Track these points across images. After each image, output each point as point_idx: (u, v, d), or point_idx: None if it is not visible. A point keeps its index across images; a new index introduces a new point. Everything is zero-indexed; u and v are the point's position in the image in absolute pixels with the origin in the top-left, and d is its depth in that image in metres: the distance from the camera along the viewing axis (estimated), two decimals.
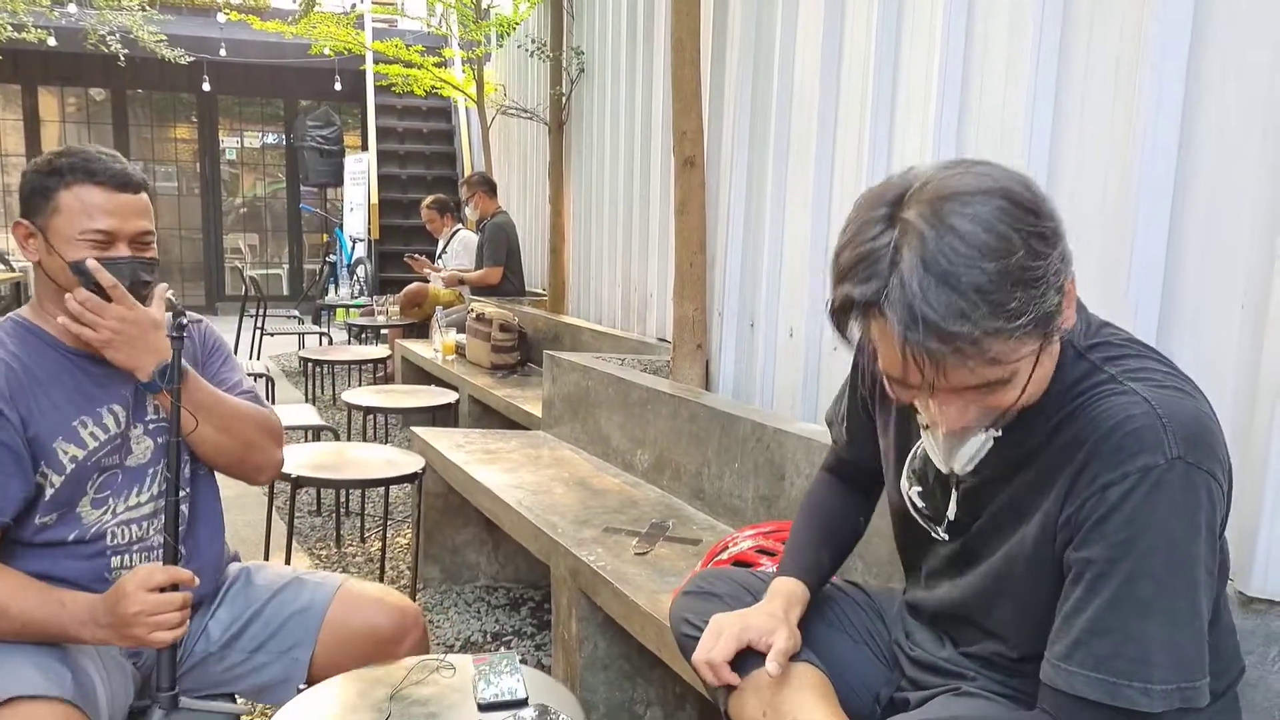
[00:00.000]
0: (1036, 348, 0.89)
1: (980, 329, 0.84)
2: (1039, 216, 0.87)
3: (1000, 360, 0.87)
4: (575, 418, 3.03)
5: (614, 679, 2.00)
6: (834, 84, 2.37)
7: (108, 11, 7.92)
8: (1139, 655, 0.88)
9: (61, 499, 1.38)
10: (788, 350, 2.58)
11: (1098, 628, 0.90)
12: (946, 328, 0.83)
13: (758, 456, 2.12)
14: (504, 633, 2.72)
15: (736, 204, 2.80)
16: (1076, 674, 0.91)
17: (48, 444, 1.35)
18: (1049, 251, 0.86)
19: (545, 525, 2.18)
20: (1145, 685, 0.88)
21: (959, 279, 0.83)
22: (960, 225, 0.84)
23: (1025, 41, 1.77)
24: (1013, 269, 0.84)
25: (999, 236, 0.84)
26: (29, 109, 10.19)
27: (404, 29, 9.45)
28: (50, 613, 1.27)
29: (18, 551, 1.37)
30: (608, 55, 4.17)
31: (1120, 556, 0.89)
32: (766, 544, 1.64)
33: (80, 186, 1.34)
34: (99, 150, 1.39)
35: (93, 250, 1.34)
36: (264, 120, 11.34)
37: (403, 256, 6.15)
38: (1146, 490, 0.88)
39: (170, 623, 1.26)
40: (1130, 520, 0.89)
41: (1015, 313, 0.84)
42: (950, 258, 0.84)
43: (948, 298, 0.83)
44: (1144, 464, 0.88)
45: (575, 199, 4.68)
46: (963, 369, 0.87)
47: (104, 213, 1.35)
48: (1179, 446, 0.88)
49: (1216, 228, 1.42)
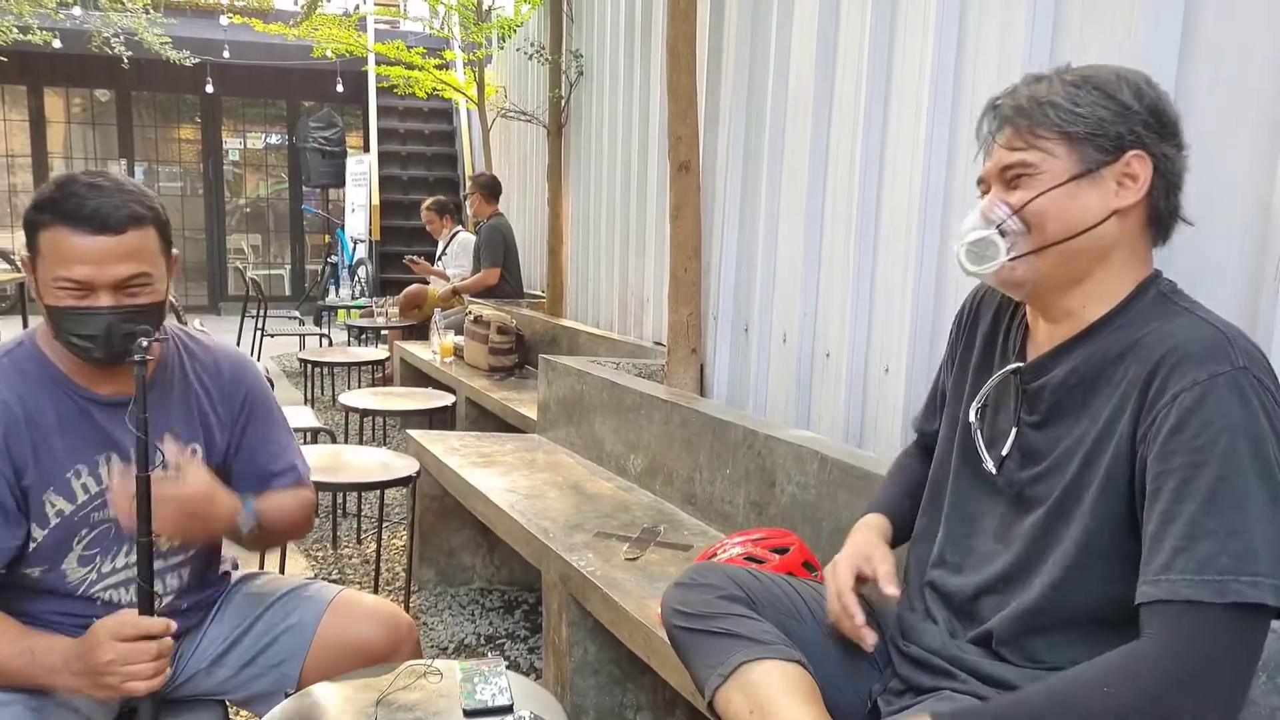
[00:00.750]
0: (1071, 165, 1.02)
1: (1049, 100, 1.03)
2: (1142, 87, 1.03)
3: (1040, 144, 1.03)
4: (570, 422, 3.03)
5: (604, 684, 2.01)
6: (828, 91, 2.38)
7: (112, 13, 7.95)
8: (1243, 549, 0.88)
9: (45, 553, 1.32)
10: (781, 356, 2.58)
11: (1196, 531, 0.90)
12: (1030, 94, 1.05)
13: (749, 463, 2.13)
14: (498, 635, 2.73)
15: (731, 209, 2.81)
16: (1179, 580, 0.90)
17: (37, 496, 1.29)
18: (1137, 104, 1.02)
19: (537, 530, 2.18)
20: (1255, 578, 0.87)
21: (1053, 76, 1.06)
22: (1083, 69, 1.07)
23: (1016, 53, 1.77)
24: (1101, 82, 1.03)
25: (1104, 69, 1.05)
26: (34, 110, 10.23)
27: (406, 31, 9.47)
28: (22, 662, 1.22)
29: (13, 591, 1.33)
30: (606, 59, 4.18)
31: (1203, 460, 0.91)
32: (756, 551, 1.65)
33: (55, 229, 1.20)
34: (90, 182, 1.23)
35: (71, 298, 1.21)
36: (267, 121, 11.37)
37: (403, 258, 6.16)
38: (1219, 394, 0.91)
39: (144, 673, 1.18)
40: (1207, 423, 0.91)
41: (1079, 106, 1.01)
42: (1059, 71, 1.07)
43: (1042, 85, 1.05)
44: (1213, 370, 0.92)
45: (574, 202, 4.69)
46: (1016, 138, 1.05)
47: (77, 260, 1.19)
48: (1244, 359, 0.93)
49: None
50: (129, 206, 1.23)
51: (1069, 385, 1.07)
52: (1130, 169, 1.02)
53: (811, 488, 1.92)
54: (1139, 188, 1.02)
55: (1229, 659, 0.88)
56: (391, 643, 1.52)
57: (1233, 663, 0.88)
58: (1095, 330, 1.05)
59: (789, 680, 1.13)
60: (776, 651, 1.16)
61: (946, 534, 1.23)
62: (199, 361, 1.47)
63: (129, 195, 1.24)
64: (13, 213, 10.38)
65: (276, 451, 1.52)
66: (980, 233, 1.07)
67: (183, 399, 1.43)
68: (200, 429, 1.45)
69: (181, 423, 1.42)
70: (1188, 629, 0.89)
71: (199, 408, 1.45)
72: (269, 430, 1.52)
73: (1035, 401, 1.11)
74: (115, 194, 1.23)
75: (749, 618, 1.23)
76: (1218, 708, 0.89)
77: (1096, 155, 1.01)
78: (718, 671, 1.17)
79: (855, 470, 1.81)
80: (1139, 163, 1.01)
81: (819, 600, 1.33)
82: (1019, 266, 1.06)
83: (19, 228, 5.99)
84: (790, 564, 1.61)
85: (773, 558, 1.62)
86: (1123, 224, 1.03)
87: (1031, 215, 1.04)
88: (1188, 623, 0.89)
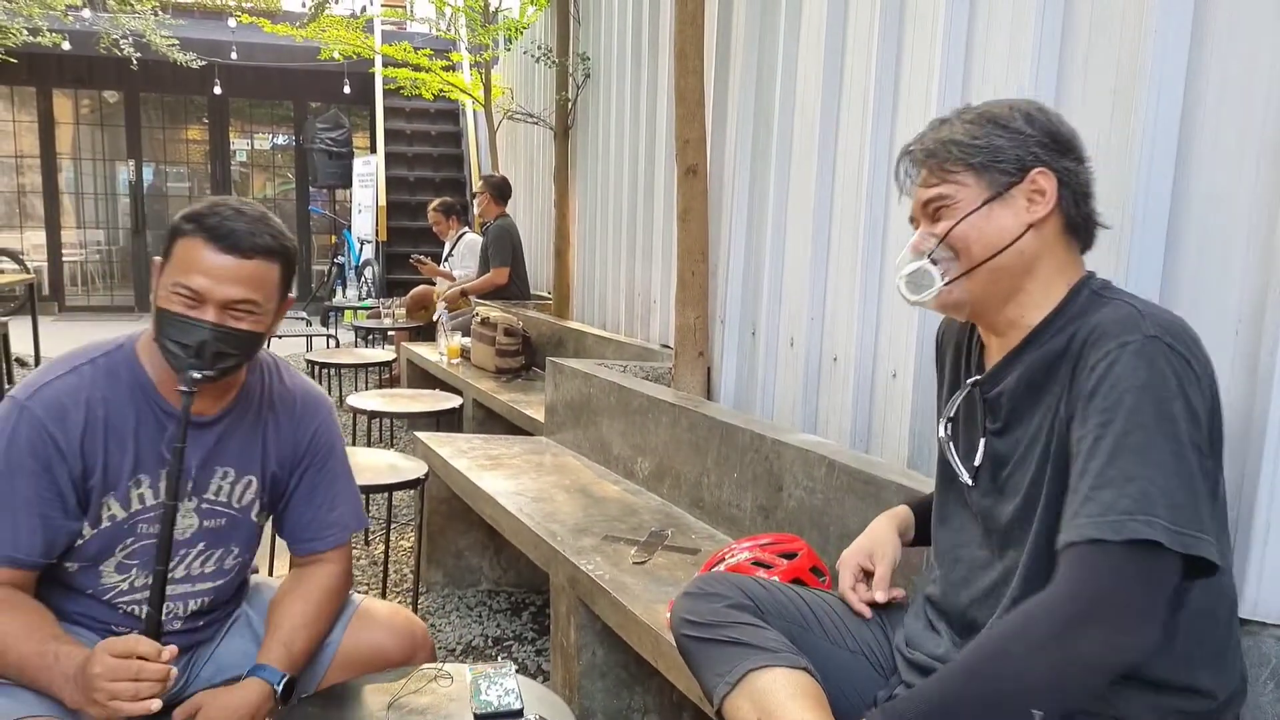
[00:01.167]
0: (982, 191, 1.12)
1: (950, 139, 1.14)
2: (1032, 114, 1.13)
3: (951, 177, 1.13)
4: (577, 424, 3.04)
5: (611, 687, 2.02)
6: (836, 96, 2.38)
7: (121, 15, 7.98)
8: (1140, 493, 0.94)
9: (90, 552, 1.35)
10: (788, 359, 2.59)
11: (1100, 482, 0.97)
12: (934, 137, 1.16)
13: (756, 467, 2.13)
14: (505, 638, 2.74)
15: (739, 213, 2.81)
16: (1085, 522, 0.96)
17: (98, 497, 1.33)
18: (1029, 129, 1.12)
19: (545, 533, 2.19)
20: (1150, 518, 0.93)
21: (954, 118, 1.16)
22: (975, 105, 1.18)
23: (1024, 60, 1.77)
24: (994, 116, 1.13)
25: (998, 104, 1.16)
26: (43, 111, 10.28)
27: (412, 32, 9.50)
28: (42, 664, 1.23)
29: (43, 580, 1.35)
30: (613, 62, 4.18)
31: (1110, 419, 0.98)
32: (764, 556, 1.65)
33: (192, 239, 1.27)
34: (238, 207, 1.30)
35: (182, 305, 1.27)
36: (274, 122, 11.40)
37: (409, 258, 6.18)
38: (1126, 358, 0.99)
39: (125, 692, 1.15)
40: (1114, 386, 0.99)
41: (978, 141, 1.12)
42: (958, 113, 1.18)
43: (945, 127, 1.16)
44: (1123, 340, 1.00)
45: (580, 204, 4.70)
46: (930, 176, 1.15)
47: (199, 270, 1.26)
48: (1154, 329, 1.00)
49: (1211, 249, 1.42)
50: (262, 237, 1.29)
51: (1020, 389, 1.13)
52: (1036, 185, 1.11)
53: (819, 492, 1.92)
54: (1048, 201, 1.11)
55: (1127, 594, 0.93)
56: (408, 651, 1.54)
57: (1131, 598, 0.93)
58: (1038, 334, 1.13)
59: (796, 687, 1.14)
60: (783, 659, 1.18)
61: (938, 550, 1.28)
62: (278, 396, 1.49)
63: (267, 228, 1.31)
64: (22, 213, 10.43)
65: (330, 503, 1.52)
66: (914, 264, 1.16)
67: (251, 430, 1.45)
68: (260, 463, 1.47)
69: (243, 455, 1.44)
70: (1089, 566, 0.95)
71: (264, 442, 1.47)
72: (327, 479, 1.53)
73: (995, 410, 1.17)
74: (256, 223, 1.29)
75: (756, 626, 1.25)
76: (1119, 643, 0.93)
77: (1002, 178, 1.11)
78: (725, 680, 1.18)
79: (862, 475, 1.81)
80: (1043, 178, 1.11)
81: (826, 609, 1.35)
82: (954, 289, 1.15)
83: (30, 228, 6.09)
84: (798, 569, 1.62)
85: (780, 563, 1.63)
86: (1040, 235, 1.12)
87: (956, 240, 1.13)
88: (1089, 561, 0.95)
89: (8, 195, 10.37)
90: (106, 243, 10.88)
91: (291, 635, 1.41)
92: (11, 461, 1.27)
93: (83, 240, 10.76)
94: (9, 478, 1.27)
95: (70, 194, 10.63)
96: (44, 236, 10.42)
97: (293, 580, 1.51)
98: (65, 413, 1.29)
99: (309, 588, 1.48)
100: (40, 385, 1.30)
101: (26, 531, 1.28)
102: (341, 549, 1.55)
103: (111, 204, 10.82)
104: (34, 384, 1.31)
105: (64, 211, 10.57)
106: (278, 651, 1.39)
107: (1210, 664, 1.06)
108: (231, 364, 1.32)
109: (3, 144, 10.29)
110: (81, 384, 1.32)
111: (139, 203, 10.75)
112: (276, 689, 1.35)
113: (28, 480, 1.27)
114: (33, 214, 10.46)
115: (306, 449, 1.51)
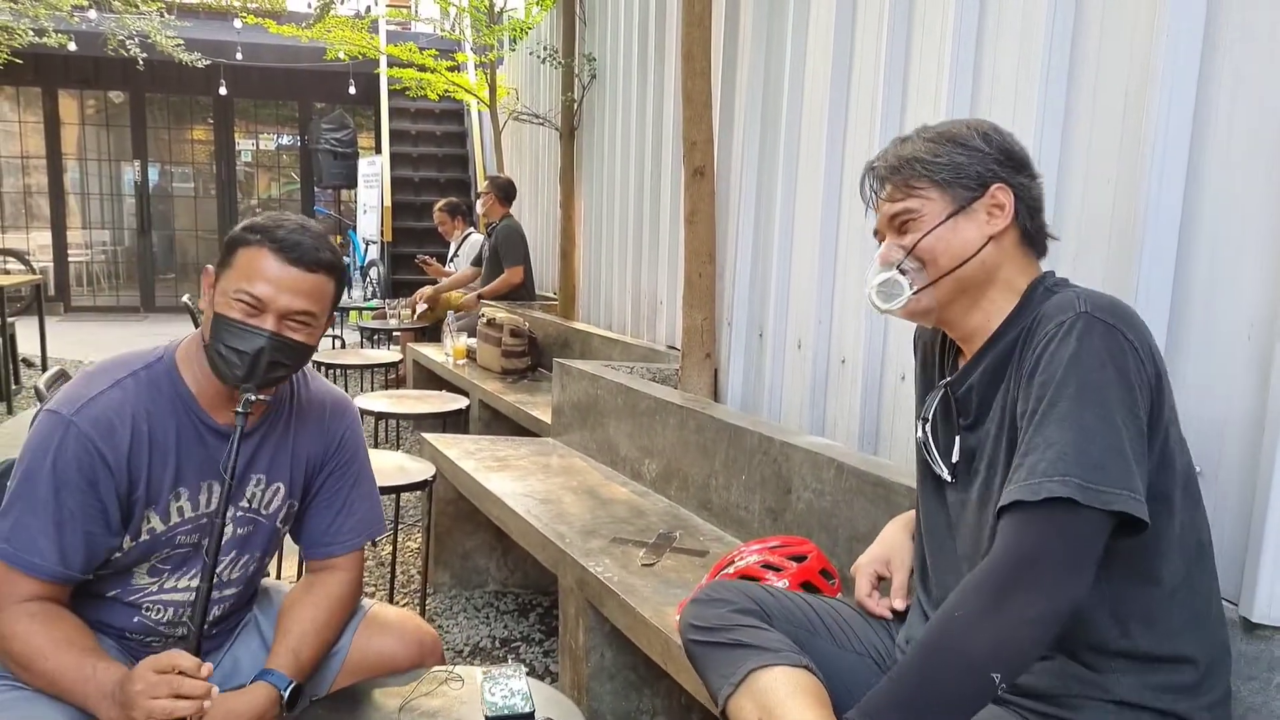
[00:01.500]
0: (946, 205, 1.18)
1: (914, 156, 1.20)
2: (989, 133, 1.20)
3: (916, 192, 1.19)
4: (584, 426, 3.04)
5: (620, 689, 2.02)
6: (843, 97, 2.38)
7: (127, 16, 8.00)
8: (1057, 456, 1.00)
9: (124, 562, 1.36)
10: (795, 362, 2.59)
11: (1028, 449, 1.04)
12: (896, 154, 1.22)
13: (764, 469, 2.13)
14: (513, 639, 2.74)
15: (746, 214, 2.81)
16: (1010, 489, 1.03)
17: (139, 511, 1.34)
18: (987, 148, 1.19)
19: (553, 535, 2.20)
20: (1064, 477, 0.98)
21: (915, 137, 1.23)
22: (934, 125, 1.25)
23: (1034, 65, 1.77)
24: (954, 135, 1.20)
25: (956, 124, 1.23)
26: (49, 112, 10.30)
27: (417, 33, 9.50)
28: (80, 678, 1.23)
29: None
30: (619, 63, 4.18)
31: (1044, 394, 1.05)
32: (772, 559, 1.65)
33: (258, 248, 1.30)
34: (301, 223, 1.34)
35: (242, 312, 1.29)
36: (279, 123, 11.42)
37: (414, 259, 6.18)
38: (1059, 338, 1.05)
39: (163, 709, 1.15)
40: (1049, 363, 1.06)
41: (940, 159, 1.18)
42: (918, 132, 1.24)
43: (907, 145, 1.23)
44: (1058, 320, 1.07)
45: (586, 204, 4.70)
46: (895, 191, 1.21)
47: (264, 279, 1.28)
48: (1088, 306, 1.06)
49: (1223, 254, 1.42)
50: (325, 252, 1.34)
51: (984, 383, 1.20)
52: (996, 199, 1.18)
53: (828, 495, 1.92)
54: (1006, 214, 1.18)
55: (1049, 551, 0.98)
56: (416, 658, 1.54)
57: (1053, 554, 0.98)
58: (1000, 333, 1.19)
59: (796, 684, 1.16)
60: (784, 658, 1.20)
61: (927, 549, 1.31)
62: (306, 402, 1.51)
63: (328, 244, 1.36)
64: (28, 214, 10.46)
65: (349, 508, 1.53)
66: (884, 275, 1.22)
67: (282, 437, 1.47)
68: (289, 470, 1.48)
69: (274, 462, 1.46)
70: (1013, 531, 1.01)
71: (293, 448, 1.48)
72: (348, 484, 1.54)
73: (965, 407, 1.23)
74: (319, 239, 1.34)
75: (760, 628, 1.27)
76: (1049, 599, 0.97)
77: (965, 193, 1.18)
78: (729, 680, 1.20)
79: (872, 478, 1.81)
80: (1002, 193, 1.18)
81: (832, 614, 1.38)
82: (922, 298, 1.21)
83: (35, 228, 6.12)
84: (808, 571, 1.62)
85: (790, 565, 1.63)
86: (1000, 246, 1.19)
87: (924, 252, 1.19)
88: (1013, 526, 1.01)
89: (14, 196, 10.40)
90: (112, 243, 10.91)
91: (300, 642, 1.42)
92: (59, 477, 1.27)
93: (88, 241, 10.79)
94: (56, 494, 1.27)
95: (76, 194, 10.66)
96: (50, 237, 10.45)
97: (304, 587, 1.51)
98: (113, 429, 1.29)
99: (320, 595, 1.48)
100: (85, 401, 1.30)
101: (71, 548, 1.28)
102: (355, 555, 1.56)
103: (117, 204, 10.84)
104: (77, 399, 1.30)
105: (70, 212, 10.59)
106: (286, 658, 1.39)
107: (1192, 631, 1.10)
108: (282, 375, 1.34)
109: (9, 145, 10.32)
110: (126, 399, 1.32)
111: (144, 203, 10.77)
112: (283, 695, 1.36)
113: (74, 496, 1.27)
114: (38, 214, 10.49)
115: (333, 453, 1.53)
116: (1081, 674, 1.10)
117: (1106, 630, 1.08)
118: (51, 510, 1.26)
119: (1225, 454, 1.37)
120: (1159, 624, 1.08)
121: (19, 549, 1.26)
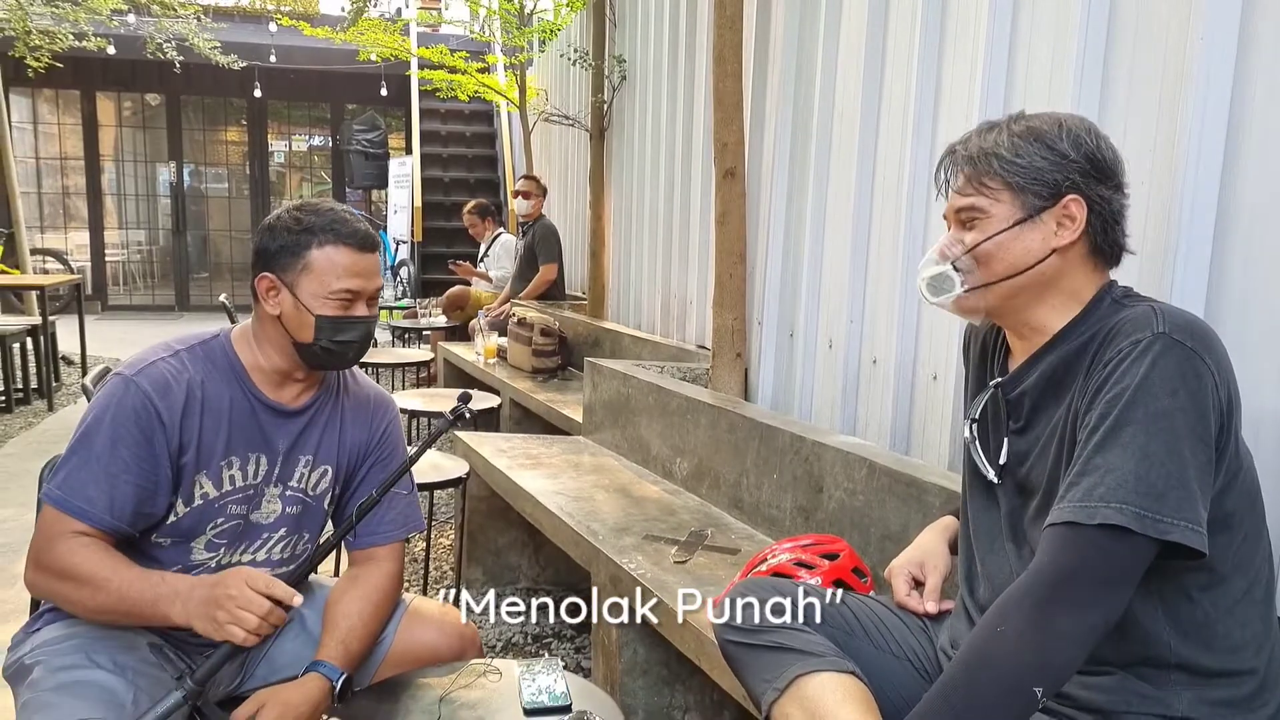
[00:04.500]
0: (1015, 211, 1.14)
1: (994, 151, 1.14)
2: (1081, 136, 1.14)
3: (987, 190, 1.15)
4: (615, 424, 3.07)
5: (653, 684, 2.04)
6: (875, 99, 2.39)
7: (165, 20, 8.15)
8: (1117, 483, 0.99)
9: (183, 529, 1.42)
10: (827, 361, 2.60)
11: (1085, 469, 1.02)
12: (979, 144, 1.16)
13: (796, 468, 2.15)
14: (544, 635, 2.78)
15: (777, 215, 2.83)
16: (1064, 507, 1.02)
17: (190, 475, 1.40)
18: (1073, 153, 1.12)
19: (586, 532, 2.23)
20: (1122, 505, 0.98)
21: (1003, 126, 1.17)
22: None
23: (1068, 65, 1.77)
24: (1041, 134, 1.13)
25: (1050, 119, 1.15)
26: (87, 114, 10.50)
27: (448, 34, 9.58)
28: (148, 583, 1.30)
29: (134, 556, 1.40)
30: (649, 64, 4.21)
31: (1108, 413, 1.02)
32: (805, 557, 1.67)
33: (331, 246, 1.39)
34: (343, 209, 1.43)
35: (339, 308, 1.40)
36: (311, 124, 11.57)
37: (446, 262, 6.24)
38: (1134, 357, 1.02)
39: (249, 622, 1.25)
40: (1117, 382, 1.03)
41: (1020, 159, 1.13)
42: (1009, 120, 1.19)
43: (991, 135, 1.17)
44: (1134, 339, 1.03)
45: (615, 205, 4.73)
46: (967, 185, 1.17)
47: (351, 273, 1.40)
48: (1166, 326, 1.03)
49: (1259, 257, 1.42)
50: (370, 231, 1.45)
51: (1041, 387, 1.17)
52: (1068, 211, 1.13)
53: (860, 494, 1.94)
54: (1076, 227, 1.13)
55: (1095, 571, 0.99)
56: (457, 650, 1.58)
57: (1097, 575, 0.99)
58: (1061, 337, 1.16)
59: (845, 691, 1.15)
60: (830, 663, 1.19)
61: (974, 550, 1.28)
62: (352, 392, 1.59)
63: (364, 219, 1.46)
64: (66, 214, 10.68)
65: (390, 499, 1.57)
66: (937, 268, 1.20)
67: (330, 422, 1.55)
68: (335, 454, 1.55)
69: (322, 444, 1.54)
70: (1059, 547, 1.01)
71: (340, 435, 1.56)
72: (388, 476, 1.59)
73: (1017, 410, 1.21)
74: (358, 218, 1.44)
75: (800, 630, 1.26)
76: (1085, 613, 0.98)
77: (1036, 201, 1.13)
78: (773, 685, 1.19)
79: (904, 477, 1.82)
80: (1075, 205, 1.13)
81: (869, 614, 1.36)
82: (972, 297, 1.19)
83: (73, 228, 6.21)
84: (840, 570, 1.63)
85: (822, 563, 1.64)
86: (1064, 258, 1.15)
87: (981, 255, 1.16)
88: (1063, 542, 1.01)
89: (52, 196, 10.62)
90: (147, 243, 11.11)
91: (349, 634, 1.46)
92: (117, 429, 1.34)
93: (124, 240, 11.00)
94: (113, 445, 1.34)
95: (113, 195, 10.86)
96: (87, 237, 10.66)
97: (349, 580, 1.56)
98: (169, 388, 1.38)
99: (366, 587, 1.53)
100: (145, 364, 1.39)
101: (121, 499, 1.34)
102: (397, 547, 1.60)
103: (152, 205, 11.04)
104: (138, 363, 1.40)
105: (106, 212, 10.80)
106: (336, 649, 1.43)
107: (1252, 644, 1.09)
108: (366, 349, 1.45)
109: (48, 146, 10.54)
110: (183, 366, 1.41)
111: (179, 203, 10.96)
112: (335, 685, 1.40)
113: (129, 449, 1.34)
114: (76, 215, 10.70)
115: (376, 444, 1.60)
116: (1142, 689, 1.08)
117: (1166, 645, 1.07)
118: (105, 462, 1.33)
119: (1259, 459, 1.37)
120: (1219, 639, 1.07)
121: (69, 494, 1.33)
